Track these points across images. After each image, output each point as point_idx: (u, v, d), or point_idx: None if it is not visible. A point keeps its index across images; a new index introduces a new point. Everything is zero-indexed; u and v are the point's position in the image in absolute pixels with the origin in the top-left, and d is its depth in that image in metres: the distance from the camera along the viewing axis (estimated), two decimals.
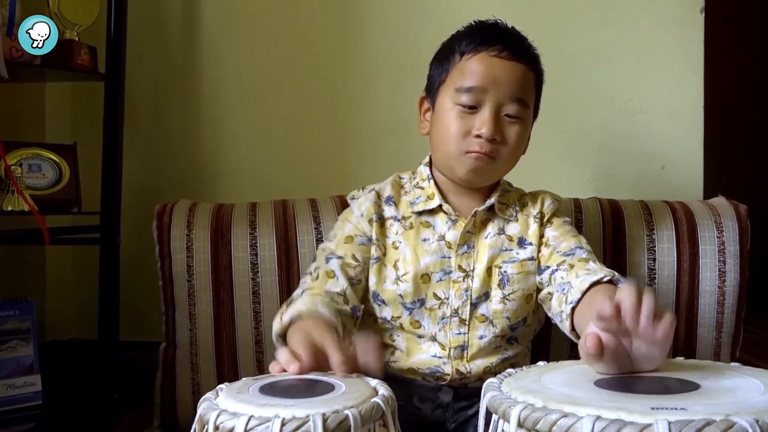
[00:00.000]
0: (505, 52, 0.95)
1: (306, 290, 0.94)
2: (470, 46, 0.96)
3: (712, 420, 0.48)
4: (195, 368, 1.23)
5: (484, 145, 0.94)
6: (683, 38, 1.53)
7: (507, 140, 0.95)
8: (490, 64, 0.95)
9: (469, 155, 0.95)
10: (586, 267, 0.92)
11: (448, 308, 0.98)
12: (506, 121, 0.95)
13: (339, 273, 0.96)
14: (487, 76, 0.94)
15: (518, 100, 0.95)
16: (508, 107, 0.95)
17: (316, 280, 0.96)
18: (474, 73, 0.95)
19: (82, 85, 1.60)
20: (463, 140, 0.95)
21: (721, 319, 1.21)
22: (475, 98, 0.95)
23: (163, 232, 1.22)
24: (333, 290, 0.94)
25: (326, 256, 0.99)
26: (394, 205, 1.02)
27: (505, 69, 0.95)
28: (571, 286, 0.89)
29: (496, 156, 0.95)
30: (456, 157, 0.96)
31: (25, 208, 1.28)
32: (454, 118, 0.96)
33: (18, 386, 1.35)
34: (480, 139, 0.94)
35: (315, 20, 1.63)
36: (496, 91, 0.94)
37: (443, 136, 0.97)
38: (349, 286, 0.96)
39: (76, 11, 1.40)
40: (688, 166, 1.54)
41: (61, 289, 1.72)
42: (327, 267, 0.98)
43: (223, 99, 1.65)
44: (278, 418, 0.56)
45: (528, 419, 0.54)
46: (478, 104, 0.95)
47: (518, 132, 0.96)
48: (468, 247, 0.99)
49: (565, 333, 0.89)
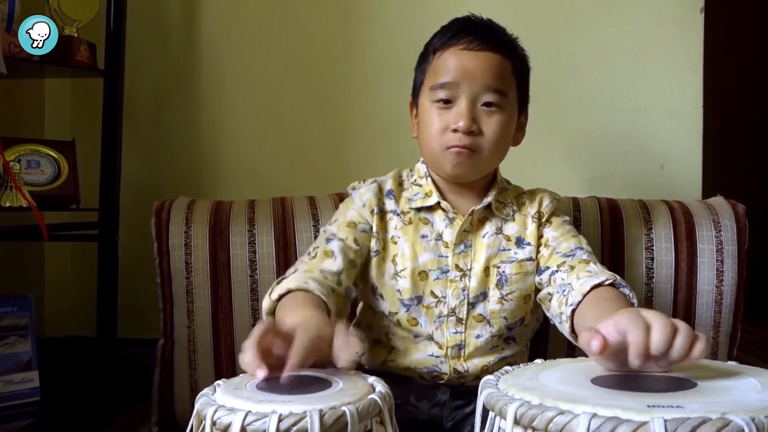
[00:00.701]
0: (475, 43, 0.95)
1: (301, 268, 0.93)
2: (441, 43, 0.97)
3: (708, 418, 0.48)
4: (193, 365, 1.23)
5: (462, 139, 0.94)
6: (683, 38, 1.53)
7: (486, 131, 0.95)
8: (461, 57, 0.95)
9: (450, 150, 0.95)
10: (587, 269, 0.92)
11: (445, 307, 0.98)
12: (484, 111, 0.95)
13: (338, 253, 0.96)
14: (459, 69, 0.94)
15: (494, 89, 0.95)
16: (484, 97, 0.95)
17: (313, 258, 0.95)
18: (446, 69, 0.95)
19: (82, 81, 1.60)
20: (443, 136, 0.95)
21: (719, 318, 1.22)
22: (450, 93, 0.95)
23: (162, 229, 1.23)
24: (329, 269, 0.94)
25: (327, 237, 0.99)
26: (394, 199, 1.02)
27: (476, 60, 0.94)
28: (572, 288, 0.89)
29: (476, 148, 0.95)
30: (439, 154, 0.96)
31: (23, 204, 1.28)
32: (434, 116, 0.96)
33: (16, 382, 1.35)
34: (457, 133, 0.94)
35: (315, 20, 1.63)
36: (469, 83, 0.94)
37: (425, 134, 0.98)
38: (346, 268, 0.95)
39: (75, 7, 1.40)
40: (687, 166, 1.54)
41: (60, 286, 1.72)
42: (327, 247, 0.97)
43: (222, 97, 1.65)
44: (275, 414, 0.56)
45: (524, 416, 0.54)
46: (453, 99, 0.95)
47: (498, 122, 0.95)
48: (465, 246, 0.99)
49: (564, 334, 0.89)
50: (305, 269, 0.93)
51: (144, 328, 1.52)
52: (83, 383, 1.44)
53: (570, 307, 0.86)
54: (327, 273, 0.93)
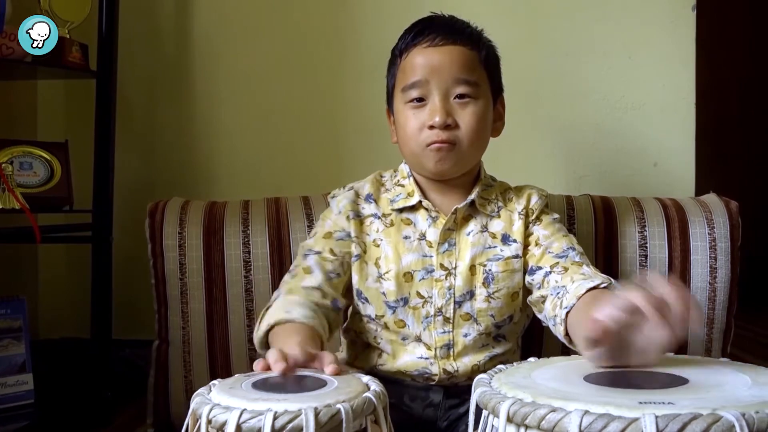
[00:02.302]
0: (438, 38, 0.96)
1: (282, 290, 0.95)
2: (405, 44, 0.99)
3: (698, 414, 0.48)
4: (188, 366, 1.23)
5: (440, 134, 0.94)
6: (675, 35, 1.54)
7: (462, 123, 0.95)
8: (426, 54, 0.96)
9: (430, 148, 0.95)
10: (581, 271, 0.92)
11: (431, 307, 0.97)
12: (457, 104, 0.96)
13: (316, 268, 0.97)
14: (426, 66, 0.96)
15: (464, 81, 0.95)
16: (455, 90, 0.95)
17: (294, 277, 0.97)
18: (413, 68, 0.96)
19: (74, 82, 1.59)
20: (420, 134, 0.96)
21: (712, 315, 1.22)
22: (421, 91, 0.96)
23: (156, 230, 1.22)
24: (309, 285, 0.95)
25: (304, 253, 1.00)
26: (374, 203, 1.02)
27: (441, 55, 0.96)
28: (567, 290, 0.89)
29: (456, 141, 0.95)
30: (420, 153, 0.97)
31: (16, 206, 1.27)
32: (409, 117, 0.97)
33: (10, 385, 1.34)
34: (434, 129, 0.94)
35: (308, 17, 1.63)
36: (438, 78, 0.95)
37: (403, 136, 0.98)
38: (326, 281, 0.96)
39: (67, 8, 1.39)
40: (680, 163, 1.54)
41: (54, 288, 1.71)
42: (304, 263, 0.98)
43: (216, 96, 1.65)
44: (270, 412, 0.56)
45: (517, 414, 0.54)
46: (425, 96, 0.96)
47: (473, 113, 0.96)
48: (449, 245, 0.98)
49: (558, 337, 0.89)
50: (287, 290, 0.94)
51: (138, 330, 1.52)
52: (78, 385, 1.44)
53: (564, 309, 0.86)
54: (308, 289, 0.94)
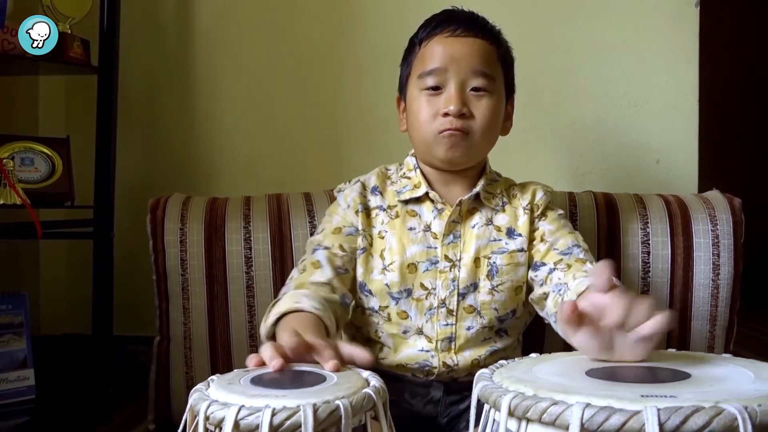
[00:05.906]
0: (459, 29, 0.96)
1: (291, 286, 0.94)
2: (426, 33, 0.99)
3: (701, 407, 0.48)
4: (189, 362, 1.23)
5: (454, 122, 0.94)
6: (678, 31, 1.53)
7: (476, 114, 0.95)
8: (447, 43, 0.96)
9: (443, 134, 0.95)
10: (583, 269, 0.92)
11: (435, 299, 0.97)
12: (473, 95, 0.96)
13: (325, 263, 0.96)
14: (446, 55, 0.96)
15: (482, 73, 0.96)
16: (472, 81, 0.96)
17: (303, 272, 0.96)
18: (433, 56, 0.97)
19: (76, 78, 1.59)
20: (434, 121, 0.96)
21: (715, 312, 1.22)
22: (438, 79, 0.96)
23: (157, 226, 1.22)
24: (318, 280, 0.94)
25: (314, 248, 0.99)
26: (379, 195, 1.02)
27: (462, 46, 0.96)
28: (568, 287, 0.89)
29: (468, 131, 0.95)
30: (431, 140, 0.97)
31: (17, 201, 1.27)
32: (423, 104, 0.97)
33: (11, 380, 1.35)
34: (449, 117, 0.94)
35: (309, 14, 1.63)
36: (457, 68, 0.95)
37: (416, 123, 0.98)
38: (335, 276, 0.96)
39: (68, 4, 1.39)
40: (683, 160, 1.54)
41: (55, 284, 1.71)
42: (313, 258, 0.98)
43: (217, 93, 1.65)
44: (269, 408, 0.56)
45: (518, 407, 0.54)
46: (441, 85, 0.96)
47: (488, 105, 0.96)
48: (454, 237, 0.99)
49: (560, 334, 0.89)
50: (296, 285, 0.93)
51: (140, 326, 1.52)
52: (79, 381, 1.44)
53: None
54: (317, 285, 0.94)
